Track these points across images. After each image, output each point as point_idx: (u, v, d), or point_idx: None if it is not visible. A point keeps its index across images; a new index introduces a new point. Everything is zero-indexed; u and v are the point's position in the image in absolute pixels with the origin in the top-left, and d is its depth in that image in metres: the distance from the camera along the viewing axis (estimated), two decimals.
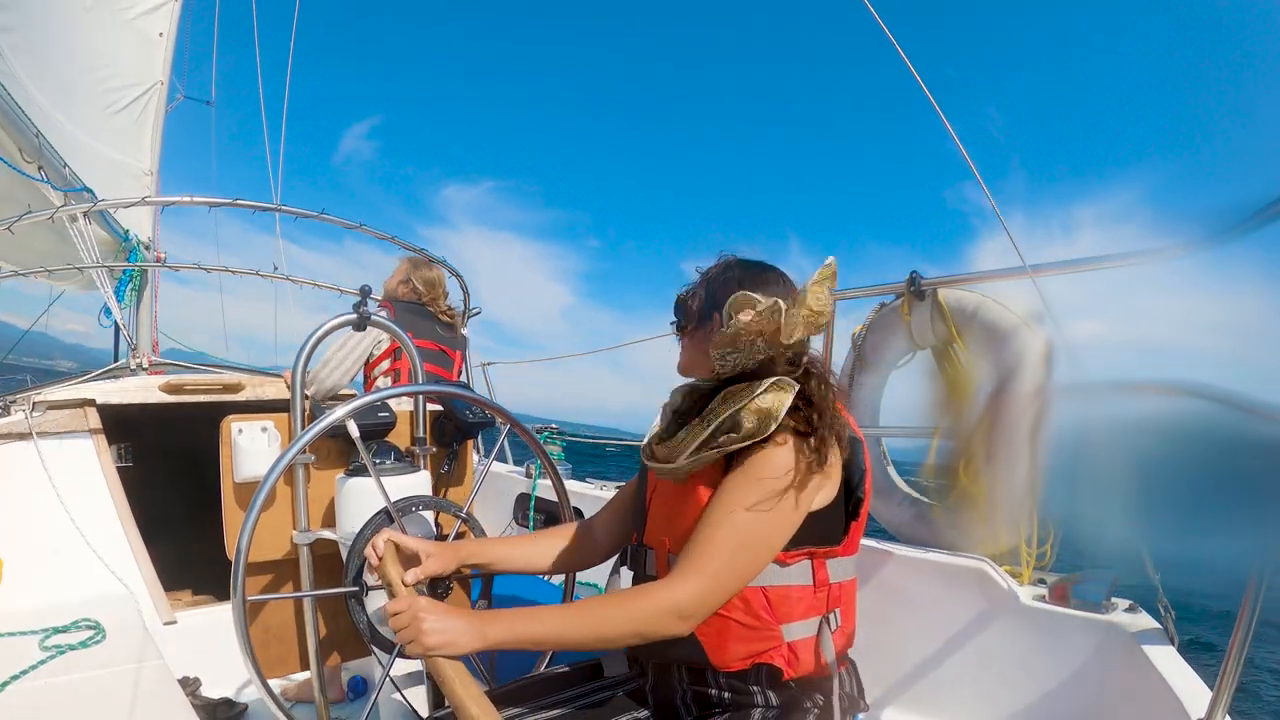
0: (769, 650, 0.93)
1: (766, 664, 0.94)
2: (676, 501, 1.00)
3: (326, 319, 1.47)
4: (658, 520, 1.05)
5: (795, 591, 0.95)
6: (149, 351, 3.66)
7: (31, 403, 1.96)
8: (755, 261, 1.10)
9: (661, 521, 1.03)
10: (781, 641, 0.94)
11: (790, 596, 0.94)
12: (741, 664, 0.94)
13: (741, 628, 0.93)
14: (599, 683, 1.10)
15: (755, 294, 0.98)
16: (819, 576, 0.96)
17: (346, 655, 1.67)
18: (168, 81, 4.13)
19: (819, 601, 0.97)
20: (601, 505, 1.26)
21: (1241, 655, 0.92)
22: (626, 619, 0.87)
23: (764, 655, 0.93)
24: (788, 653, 0.94)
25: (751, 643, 0.93)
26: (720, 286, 1.07)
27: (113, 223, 3.55)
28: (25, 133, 2.78)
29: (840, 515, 0.97)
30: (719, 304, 1.05)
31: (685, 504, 0.97)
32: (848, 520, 0.98)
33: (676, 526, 0.98)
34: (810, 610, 0.96)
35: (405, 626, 0.87)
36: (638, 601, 0.88)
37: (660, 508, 1.05)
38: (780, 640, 0.94)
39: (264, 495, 1.10)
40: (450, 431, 1.79)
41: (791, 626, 0.95)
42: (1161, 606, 1.37)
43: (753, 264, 1.10)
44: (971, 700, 1.56)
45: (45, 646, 1.12)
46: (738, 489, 0.90)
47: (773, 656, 0.93)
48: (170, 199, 2.21)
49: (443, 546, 1.11)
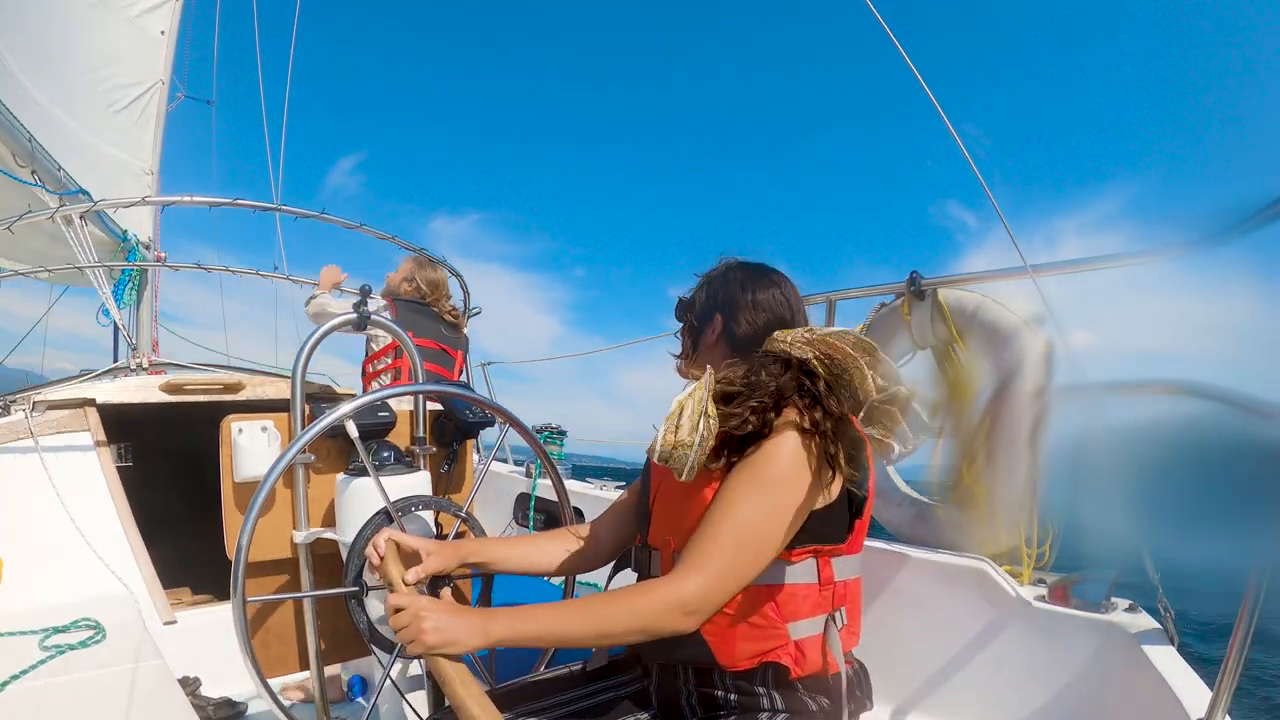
0: (776, 649, 0.93)
1: (774, 663, 0.93)
2: (681, 501, 0.99)
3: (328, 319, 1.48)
4: (662, 521, 1.04)
5: (801, 590, 0.95)
6: (149, 351, 3.66)
7: (31, 402, 1.96)
8: (755, 263, 1.11)
9: (666, 522, 1.03)
10: (788, 640, 0.94)
11: (796, 595, 0.94)
12: (749, 663, 0.93)
13: (748, 626, 0.93)
14: (602, 684, 1.10)
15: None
16: (824, 574, 0.96)
17: (346, 655, 1.67)
18: (169, 80, 4.14)
19: (825, 600, 0.96)
20: (602, 505, 1.26)
21: (1242, 655, 0.92)
22: (630, 614, 0.87)
23: (771, 654, 0.93)
24: (795, 651, 0.94)
25: (758, 641, 0.93)
26: (721, 287, 1.08)
27: (110, 223, 3.55)
28: (17, 137, 2.77)
29: (844, 513, 0.96)
30: (720, 305, 1.05)
31: (690, 504, 0.97)
32: (851, 518, 0.98)
33: (681, 526, 0.98)
34: (816, 608, 0.96)
35: (406, 625, 0.87)
36: (641, 597, 0.88)
37: (665, 508, 1.04)
38: (787, 639, 0.94)
39: (264, 495, 1.10)
40: (450, 431, 1.79)
41: (798, 625, 0.94)
42: (1161, 606, 1.37)
43: (753, 265, 1.10)
44: (971, 700, 1.56)
45: (45, 646, 1.12)
46: (741, 485, 0.90)
47: (780, 655, 0.93)
48: (170, 199, 2.22)
49: (443, 545, 1.10)
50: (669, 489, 1.04)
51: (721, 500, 0.91)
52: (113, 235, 3.57)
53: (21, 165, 2.80)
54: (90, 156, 3.54)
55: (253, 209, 2.19)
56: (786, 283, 1.08)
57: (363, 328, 1.51)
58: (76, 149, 3.38)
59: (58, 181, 2.99)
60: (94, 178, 3.32)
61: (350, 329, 1.52)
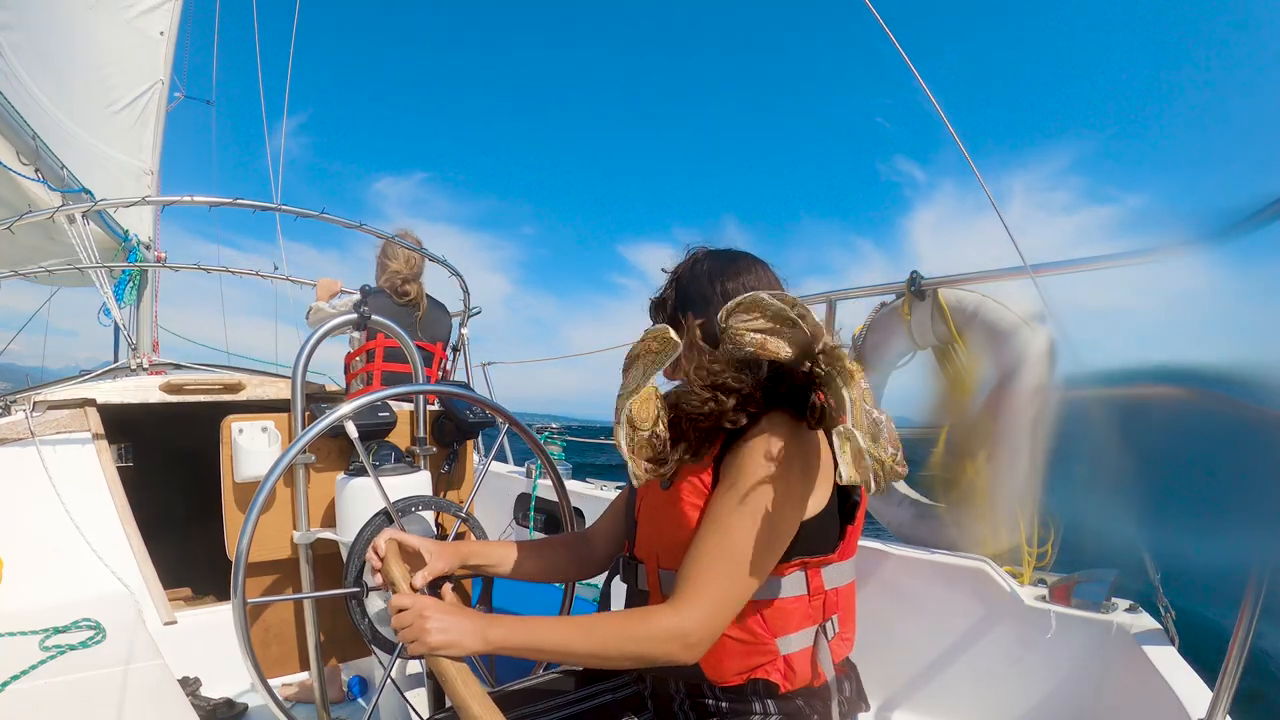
0: (764, 665, 0.91)
1: (762, 679, 0.92)
2: (663, 512, 0.97)
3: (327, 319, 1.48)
4: (647, 532, 1.02)
5: (790, 603, 0.92)
6: (149, 351, 3.66)
7: (32, 403, 1.96)
8: (725, 250, 1.02)
9: (650, 532, 1.01)
10: (777, 655, 0.91)
11: (785, 609, 0.91)
12: (737, 679, 0.92)
13: (736, 643, 0.91)
14: (598, 686, 1.10)
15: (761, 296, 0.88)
16: (813, 585, 0.93)
17: (346, 655, 1.67)
18: (168, 80, 4.14)
19: (815, 610, 0.94)
20: (602, 505, 1.26)
21: (1242, 655, 0.92)
22: (630, 640, 0.85)
23: (759, 670, 0.91)
24: (784, 666, 0.92)
25: (747, 658, 0.91)
26: (690, 282, 0.99)
27: (111, 223, 3.55)
28: (22, 135, 2.78)
29: (834, 521, 0.93)
30: (691, 302, 0.97)
31: (671, 514, 0.94)
32: (842, 524, 0.94)
33: (665, 539, 0.96)
34: (806, 620, 0.93)
35: (409, 625, 0.87)
36: (643, 626, 0.86)
37: (648, 518, 1.02)
38: (776, 654, 0.91)
39: (264, 495, 1.10)
40: (450, 431, 1.79)
41: (788, 639, 0.92)
42: (1161, 606, 1.37)
43: (722, 253, 1.02)
44: (971, 700, 1.56)
45: (45, 647, 1.12)
46: (729, 503, 0.87)
47: (768, 671, 0.91)
48: (170, 199, 2.21)
49: (444, 546, 1.10)
50: (653, 498, 1.01)
51: (712, 522, 0.88)
52: (114, 235, 3.57)
53: (25, 163, 2.81)
54: (90, 157, 3.54)
55: (252, 209, 2.19)
56: (758, 266, 1.00)
57: (363, 328, 1.51)
58: (76, 149, 3.38)
59: (60, 179, 2.99)
60: (94, 178, 3.33)
61: (350, 329, 1.52)
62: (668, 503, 0.95)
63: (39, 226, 2.92)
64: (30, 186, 2.88)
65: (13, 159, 2.78)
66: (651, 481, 0.97)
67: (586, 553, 1.22)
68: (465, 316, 3.17)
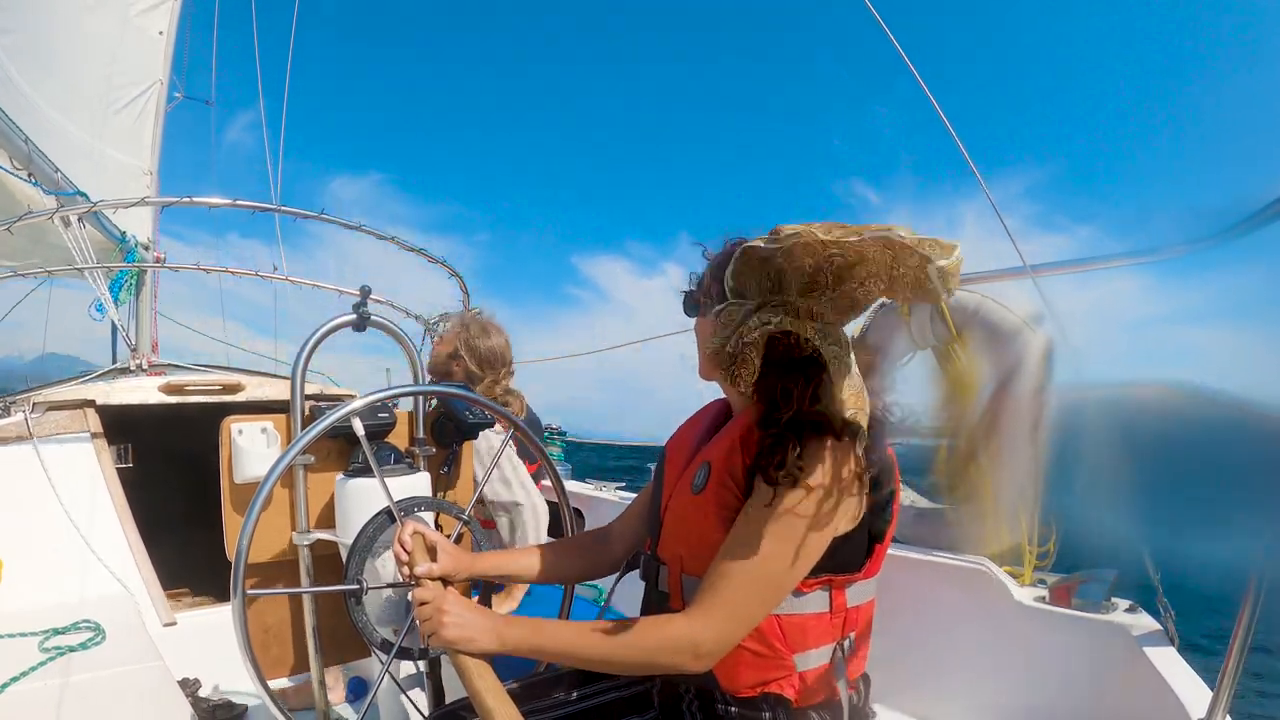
0: (779, 679, 0.91)
1: (776, 693, 0.91)
2: (692, 515, 0.96)
3: (327, 319, 1.47)
4: (673, 533, 1.01)
5: (810, 620, 0.91)
6: (148, 352, 3.66)
7: (31, 403, 1.96)
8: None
9: (676, 534, 1.00)
10: (793, 671, 0.91)
11: (805, 625, 0.90)
12: (750, 691, 0.91)
13: (752, 655, 0.90)
14: (606, 683, 1.10)
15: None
16: (836, 603, 0.92)
17: (347, 655, 1.67)
18: (167, 81, 4.14)
19: (834, 628, 0.93)
20: (602, 505, 1.26)
21: (1242, 655, 0.92)
22: (641, 649, 0.86)
23: (773, 684, 0.91)
24: (799, 682, 0.91)
25: (762, 671, 0.90)
26: (724, 259, 0.94)
27: (108, 224, 3.54)
28: (14, 140, 2.77)
29: (863, 540, 0.92)
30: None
31: (700, 518, 0.93)
32: (871, 542, 0.93)
33: (691, 543, 0.95)
34: (824, 637, 0.92)
35: (429, 618, 0.90)
36: (655, 636, 0.86)
37: (676, 519, 1.01)
38: (792, 670, 0.91)
39: (264, 496, 1.10)
40: (450, 432, 1.79)
41: (806, 655, 0.91)
42: (1161, 606, 1.37)
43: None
44: (972, 700, 1.56)
45: (45, 648, 1.12)
46: (759, 521, 0.85)
47: (782, 686, 0.91)
48: (170, 199, 2.22)
49: (460, 551, 1.11)
50: (682, 500, 1.00)
51: (741, 535, 0.86)
52: (111, 237, 3.56)
53: (18, 167, 2.81)
54: (89, 157, 3.54)
55: (252, 209, 2.19)
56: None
57: (363, 328, 1.51)
58: (75, 150, 3.38)
59: (54, 183, 2.98)
60: (92, 179, 3.32)
61: (350, 329, 1.52)
62: (697, 507, 0.94)
63: (33, 227, 2.92)
64: (24, 189, 2.88)
65: (6, 164, 2.78)
66: (682, 483, 0.98)
67: (602, 551, 1.23)
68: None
